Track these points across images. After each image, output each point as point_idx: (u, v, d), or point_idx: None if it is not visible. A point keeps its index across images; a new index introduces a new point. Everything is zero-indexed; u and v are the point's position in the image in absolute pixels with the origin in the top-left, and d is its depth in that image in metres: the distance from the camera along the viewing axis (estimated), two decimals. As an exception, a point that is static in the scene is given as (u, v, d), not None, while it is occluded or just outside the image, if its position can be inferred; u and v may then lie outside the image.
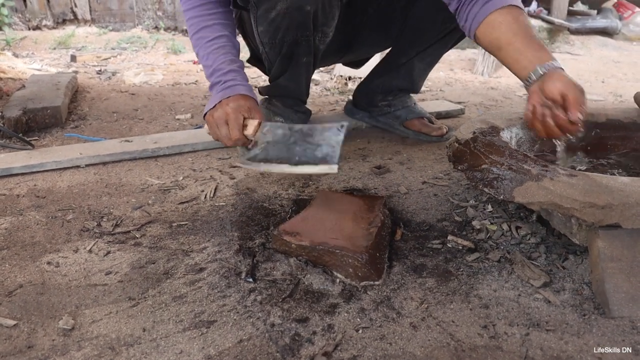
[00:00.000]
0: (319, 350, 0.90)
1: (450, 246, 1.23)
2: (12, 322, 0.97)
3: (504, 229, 1.26)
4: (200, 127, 2.10)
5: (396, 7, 1.82)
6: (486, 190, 1.15)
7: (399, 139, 1.98)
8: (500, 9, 1.28)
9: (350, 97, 2.12)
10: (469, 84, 3.14)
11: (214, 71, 1.41)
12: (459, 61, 3.55)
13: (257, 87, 1.83)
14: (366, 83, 2.04)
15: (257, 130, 1.31)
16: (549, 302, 1.03)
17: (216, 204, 1.44)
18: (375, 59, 2.17)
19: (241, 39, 1.68)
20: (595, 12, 4.96)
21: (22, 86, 2.41)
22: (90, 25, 4.34)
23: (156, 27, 4.44)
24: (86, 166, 1.69)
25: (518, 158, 1.16)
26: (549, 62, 1.19)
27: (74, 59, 3.50)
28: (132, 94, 2.67)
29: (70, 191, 1.52)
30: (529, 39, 1.24)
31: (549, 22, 4.55)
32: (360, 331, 0.95)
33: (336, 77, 3.02)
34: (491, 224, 1.29)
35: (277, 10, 1.45)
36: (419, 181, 1.60)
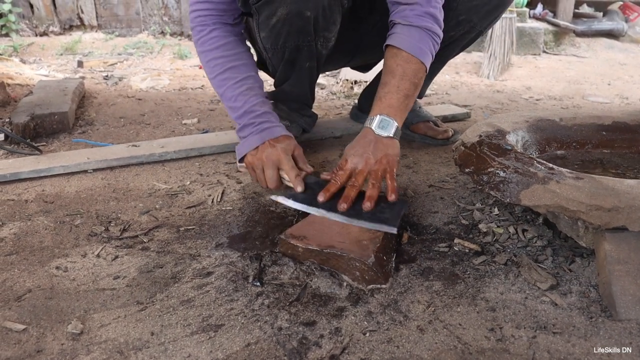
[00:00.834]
0: (326, 354, 0.90)
1: (457, 249, 1.23)
2: (21, 327, 0.97)
3: (510, 232, 1.26)
4: (206, 132, 2.11)
5: None
6: (493, 193, 1.15)
7: (405, 142, 1.98)
8: (397, 49, 1.37)
9: (356, 102, 2.13)
10: (475, 87, 3.14)
11: (245, 113, 1.39)
12: (464, 64, 3.55)
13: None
14: (371, 87, 2.04)
15: (304, 178, 1.29)
16: (556, 304, 1.03)
17: (223, 208, 1.45)
18: (382, 63, 2.16)
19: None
20: (601, 14, 4.96)
21: (30, 92, 2.42)
22: (96, 31, 4.37)
23: (162, 32, 4.47)
24: (94, 171, 1.70)
25: (524, 161, 1.16)
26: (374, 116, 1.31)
27: (80, 64, 3.52)
28: (139, 99, 2.69)
29: (78, 196, 1.53)
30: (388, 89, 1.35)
31: (554, 24, 4.55)
32: (367, 334, 0.95)
33: (342, 81, 3.03)
34: (498, 227, 1.29)
35: (278, 17, 1.45)
36: (425, 184, 1.60)
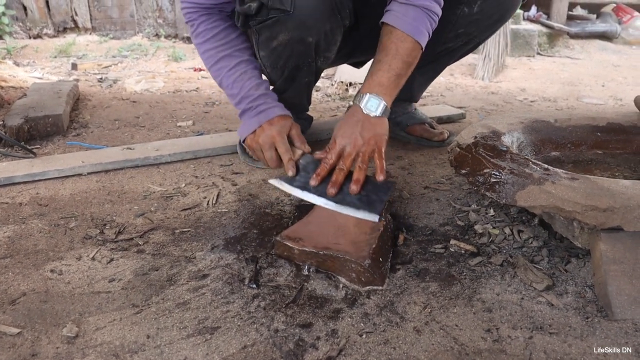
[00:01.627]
0: (323, 356, 0.90)
1: (452, 250, 1.23)
2: (15, 330, 0.97)
3: (506, 233, 1.27)
4: (201, 134, 2.10)
5: None
6: (488, 194, 1.15)
7: (400, 144, 1.98)
8: (392, 27, 1.34)
9: (351, 103, 2.12)
10: (470, 88, 3.14)
11: (242, 99, 1.39)
12: (459, 66, 3.55)
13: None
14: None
15: (300, 157, 1.30)
16: (552, 305, 1.03)
17: (219, 210, 1.45)
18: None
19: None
20: (595, 16, 4.97)
21: (24, 95, 2.41)
22: (90, 34, 4.35)
23: (157, 34, 4.46)
24: (88, 174, 1.70)
25: (520, 162, 1.16)
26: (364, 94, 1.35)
27: (74, 67, 3.51)
28: (134, 102, 2.68)
29: (72, 199, 1.52)
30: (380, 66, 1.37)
31: (548, 26, 4.56)
32: (364, 336, 0.95)
33: (337, 83, 3.03)
34: (493, 228, 1.29)
35: (279, 41, 1.42)
36: (420, 186, 1.60)
